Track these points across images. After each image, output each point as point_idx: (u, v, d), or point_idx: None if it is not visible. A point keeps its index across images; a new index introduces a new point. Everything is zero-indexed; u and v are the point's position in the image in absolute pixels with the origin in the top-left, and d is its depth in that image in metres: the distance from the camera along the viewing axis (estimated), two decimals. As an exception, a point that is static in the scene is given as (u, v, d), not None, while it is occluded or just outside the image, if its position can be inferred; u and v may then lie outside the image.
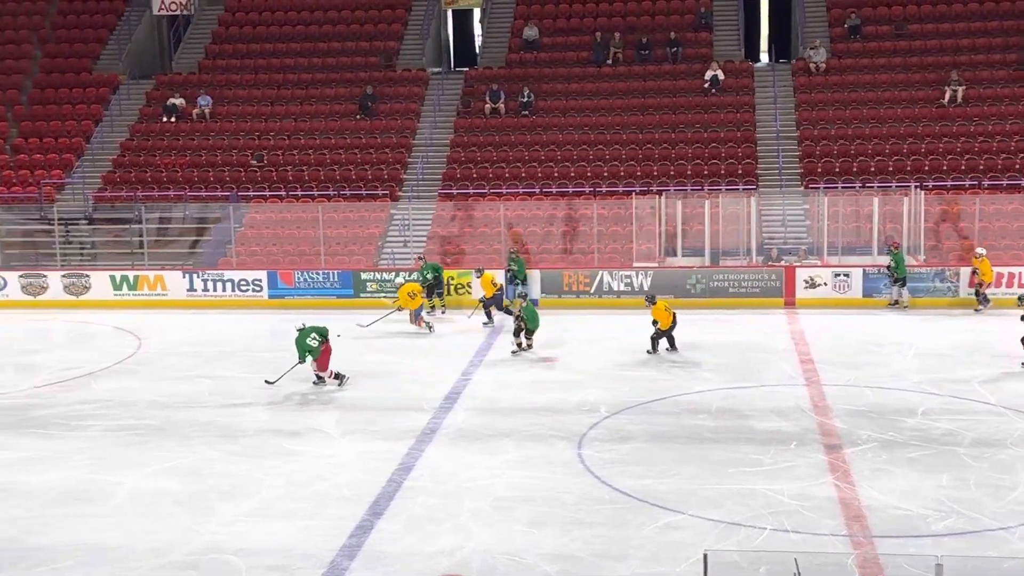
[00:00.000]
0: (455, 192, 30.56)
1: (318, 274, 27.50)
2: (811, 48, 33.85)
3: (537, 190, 30.43)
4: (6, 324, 26.09)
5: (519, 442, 16.68)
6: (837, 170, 30.28)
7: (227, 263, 28.72)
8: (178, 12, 37.40)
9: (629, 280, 26.77)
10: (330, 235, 29.23)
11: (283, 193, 30.95)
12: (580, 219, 28.98)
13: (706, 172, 30.58)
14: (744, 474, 14.94)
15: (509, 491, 14.66)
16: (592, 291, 26.85)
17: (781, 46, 39.28)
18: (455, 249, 28.86)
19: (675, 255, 28.24)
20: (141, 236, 29.77)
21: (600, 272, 26.95)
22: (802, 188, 30.11)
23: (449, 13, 38.82)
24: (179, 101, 33.88)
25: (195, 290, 27.65)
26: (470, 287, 26.84)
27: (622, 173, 30.76)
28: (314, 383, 19.56)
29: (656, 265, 27.49)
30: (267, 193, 30.98)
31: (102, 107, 34.43)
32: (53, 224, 30.02)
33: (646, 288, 26.22)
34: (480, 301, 24.76)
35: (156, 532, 13.54)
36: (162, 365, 21.99)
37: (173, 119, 33.62)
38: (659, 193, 28.96)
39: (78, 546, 13.19)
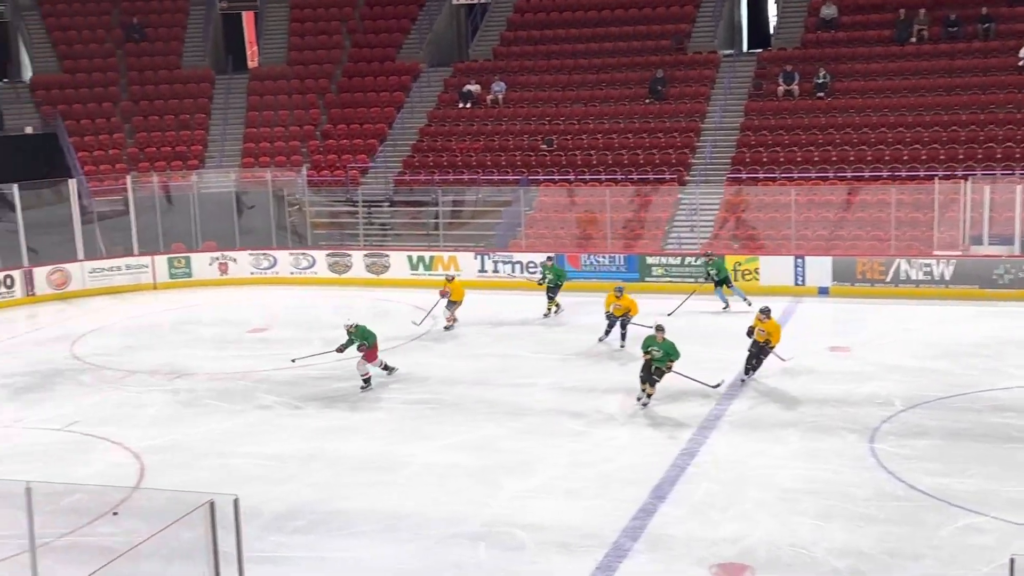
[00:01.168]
0: (744, 176, 30.00)
1: (604, 257, 27.70)
2: None
3: (830, 174, 29.42)
4: (314, 300, 27.77)
5: (805, 432, 16.24)
6: None
7: (517, 245, 29.40)
8: (475, 1, 38.54)
9: (929, 269, 25.44)
10: (617, 219, 29.37)
11: (571, 177, 31.34)
12: (876, 204, 27.79)
13: (1018, 155, 28.62)
14: (1054, 478, 13.95)
15: (795, 482, 14.31)
16: (888, 280, 25.70)
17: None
18: (744, 234, 28.35)
19: (981, 243, 26.60)
20: (437, 218, 30.94)
21: (897, 260, 25.75)
22: None
23: (742, -6, 38.09)
24: (475, 87, 34.91)
25: (486, 271, 28.45)
26: (758, 272, 26.31)
27: (923, 157, 29.25)
28: (362, 387, 19.35)
29: (959, 254, 25.99)
30: (556, 177, 31.47)
31: (404, 94, 35.97)
32: (358, 206, 31.68)
33: (947, 278, 24.88)
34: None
35: (448, 503, 14.08)
36: (454, 343, 22.79)
37: (468, 105, 34.70)
38: (964, 178, 27.34)
39: (376, 512, 13.89)
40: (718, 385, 18.11)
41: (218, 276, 29.94)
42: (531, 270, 27.97)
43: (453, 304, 23.60)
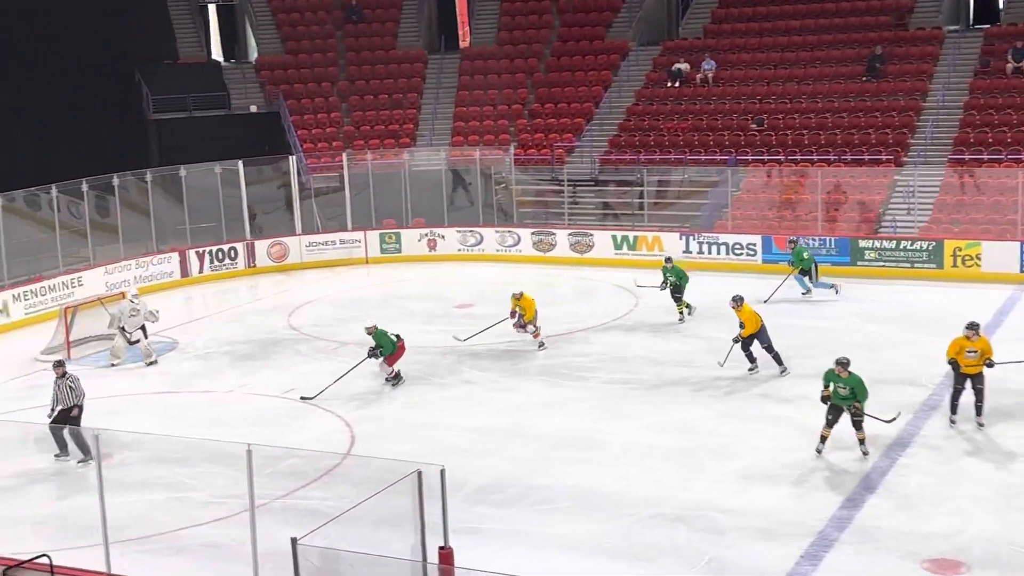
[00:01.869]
0: (967, 158, 28.63)
1: (814, 240, 26.95)
2: None
3: (1063, 156, 27.76)
4: (519, 277, 28.06)
5: (1028, 428, 15.42)
6: None
7: (723, 226, 28.94)
8: (686, -22, 38.06)
9: None
10: (828, 201, 28.52)
11: (781, 157, 30.62)
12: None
13: None
14: None
15: (1017, 477, 13.62)
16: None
17: None
18: (965, 218, 27.08)
19: None
20: (642, 198, 30.78)
21: None
22: None
23: (970, -34, 36.29)
24: (684, 66, 34.50)
25: (690, 252, 28.13)
26: (979, 259, 25.09)
27: None
28: (387, 380, 19.05)
29: None
30: (765, 157, 30.81)
31: (611, 73, 35.87)
32: (563, 185, 31.85)
33: None
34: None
35: (647, 483, 14.05)
36: (656, 323, 22.63)
37: (677, 84, 34.32)
38: None
39: (575, 488, 13.99)
40: (893, 419, 15.11)
41: (427, 252, 30.66)
42: (736, 251, 27.54)
43: (527, 323, 20.95)
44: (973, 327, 15.45)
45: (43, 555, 11.61)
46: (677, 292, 22.83)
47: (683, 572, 11.80)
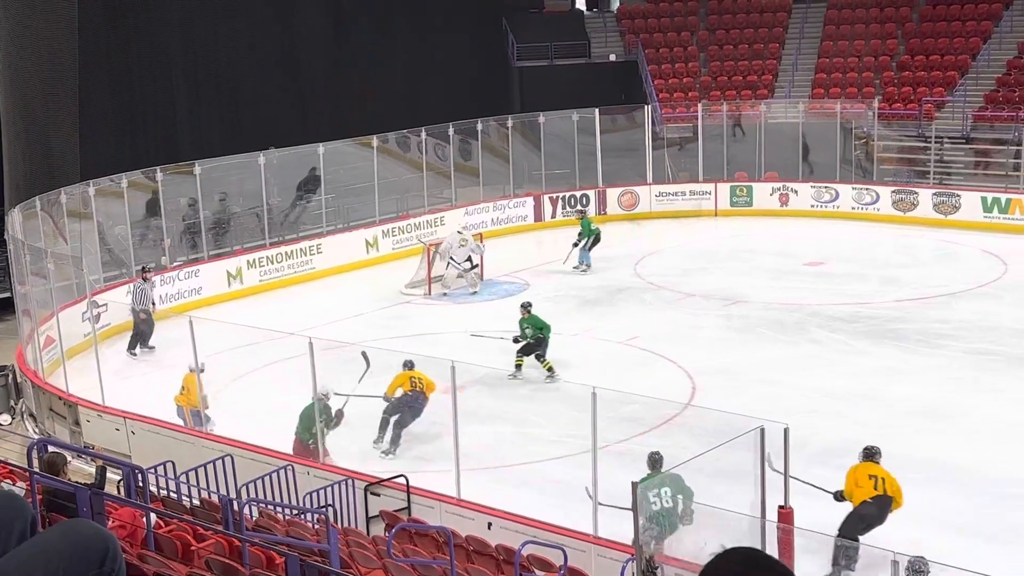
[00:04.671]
0: None
1: None
2: None
3: None
4: (875, 237, 26.91)
5: None
6: None
7: (1111, 191, 26.45)
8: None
9: None
10: None
11: None
12: None
13: None
14: None
15: None
16: None
17: None
18: None
19: None
20: (1018, 158, 28.58)
21: None
22: None
23: None
24: (1076, 16, 31.61)
25: (1070, 218, 25.93)
26: None
27: None
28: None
29: None
30: None
31: (992, 23, 33.39)
32: (930, 142, 30.10)
33: None
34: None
35: (1008, 461, 13.18)
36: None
37: (1067, 35, 31.51)
38: None
39: (928, 460, 13.33)
40: None
41: (778, 207, 29.95)
42: None
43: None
44: None
45: (400, 475, 12.46)
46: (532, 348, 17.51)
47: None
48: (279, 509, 11.74)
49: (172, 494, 11.84)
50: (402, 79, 33.34)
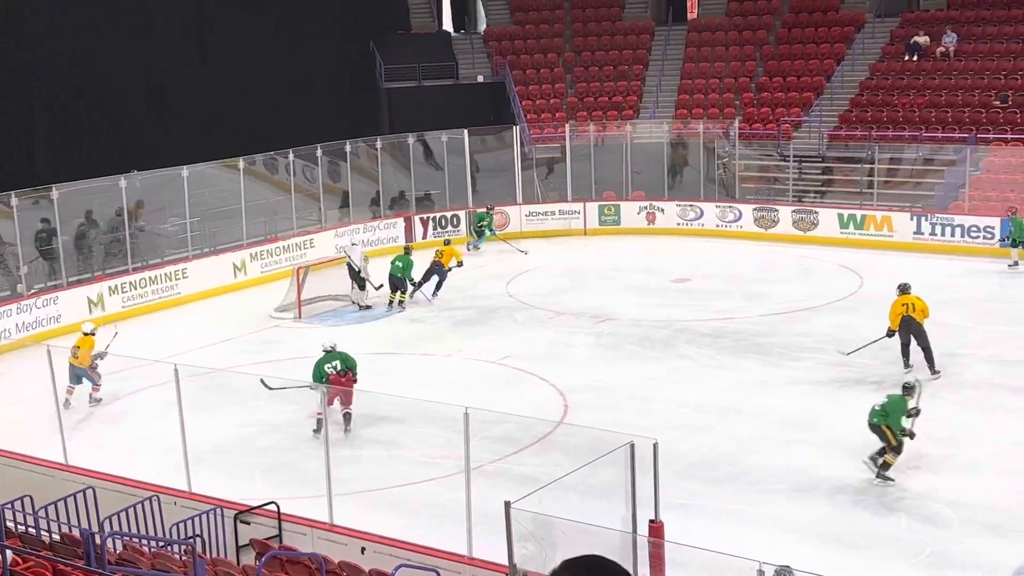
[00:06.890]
0: None
1: (1061, 225, 25.30)
2: None
3: None
4: (738, 253, 27.59)
5: None
6: None
7: (958, 207, 27.55)
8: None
9: None
10: (1078, 183, 26.77)
11: (1027, 136, 28.89)
12: None
13: None
14: None
15: None
16: None
17: None
18: None
19: None
20: (871, 176, 29.65)
21: None
22: None
23: None
24: (923, 39, 32.94)
25: (922, 233, 26.94)
26: None
27: None
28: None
29: None
30: (1008, 136, 29.12)
31: (845, 46, 34.62)
32: (788, 161, 31.02)
33: None
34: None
35: (868, 471, 13.55)
36: (882, 306, 21.74)
37: (915, 57, 32.82)
38: None
39: (793, 470, 13.67)
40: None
41: (645, 225, 30.48)
42: (972, 234, 26.23)
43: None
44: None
45: (272, 502, 12.23)
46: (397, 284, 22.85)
47: (900, 564, 11.38)
48: (144, 542, 11.41)
49: (30, 529, 11.41)
50: (269, 100, 32.91)
